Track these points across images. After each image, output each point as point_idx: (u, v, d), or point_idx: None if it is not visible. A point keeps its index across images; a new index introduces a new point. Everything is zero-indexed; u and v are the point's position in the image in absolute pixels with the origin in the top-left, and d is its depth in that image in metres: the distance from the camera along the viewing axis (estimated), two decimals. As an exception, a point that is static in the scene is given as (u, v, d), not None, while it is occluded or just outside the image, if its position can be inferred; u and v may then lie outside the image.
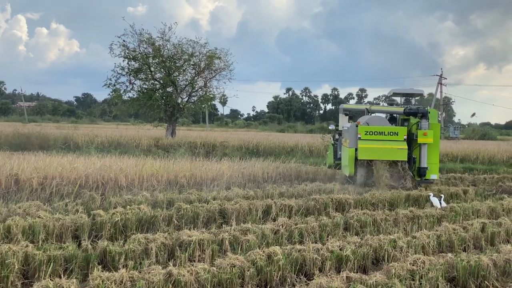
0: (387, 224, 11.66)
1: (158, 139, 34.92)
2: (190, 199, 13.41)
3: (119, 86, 37.65)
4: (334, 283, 6.79)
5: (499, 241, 10.72)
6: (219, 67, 38.96)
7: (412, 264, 7.85)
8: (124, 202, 12.65)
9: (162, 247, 8.73)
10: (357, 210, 12.57)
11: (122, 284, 6.60)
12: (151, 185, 15.69)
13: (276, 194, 14.91)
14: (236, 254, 8.37)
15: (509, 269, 8.29)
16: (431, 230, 10.72)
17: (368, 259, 8.92)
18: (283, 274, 7.83)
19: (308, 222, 10.91)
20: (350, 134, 17.25)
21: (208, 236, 9.19)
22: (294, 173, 19.81)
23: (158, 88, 38.07)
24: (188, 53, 37.82)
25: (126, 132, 41.29)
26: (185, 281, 6.87)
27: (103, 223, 10.14)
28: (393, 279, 7.16)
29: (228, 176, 17.36)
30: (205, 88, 39.59)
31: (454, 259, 8.18)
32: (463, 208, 13.46)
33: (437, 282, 7.30)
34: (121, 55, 37.05)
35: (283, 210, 12.62)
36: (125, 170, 15.83)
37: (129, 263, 7.99)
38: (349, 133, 17.29)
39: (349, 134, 17.33)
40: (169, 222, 11.16)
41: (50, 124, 65.27)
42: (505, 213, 13.78)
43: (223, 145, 33.79)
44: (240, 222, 11.33)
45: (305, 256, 8.30)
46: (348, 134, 17.36)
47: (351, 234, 10.81)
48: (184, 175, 16.69)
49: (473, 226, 11.17)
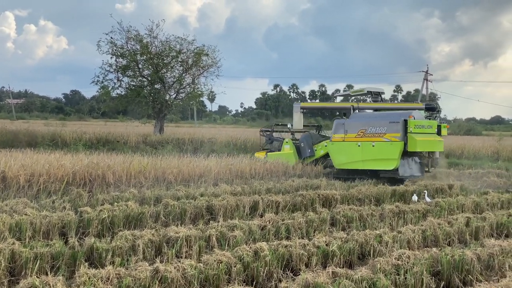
0: (373, 219, 11.74)
1: (146, 136, 34.87)
2: (177, 196, 13.41)
3: (107, 83, 37.68)
4: (320, 278, 6.83)
5: (483, 235, 10.83)
6: (207, 64, 39.12)
7: (397, 259, 7.89)
8: (111, 199, 12.62)
9: (149, 244, 8.73)
10: (344, 206, 12.64)
11: (109, 281, 6.60)
12: (139, 181, 15.67)
13: (263, 190, 14.95)
14: (223, 250, 8.38)
15: (492, 263, 8.36)
16: (416, 225, 10.80)
17: (354, 254, 8.98)
18: (270, 269, 7.86)
19: (295, 217, 10.95)
20: (395, 128, 17.40)
21: (195, 233, 9.21)
22: (281, 169, 19.84)
23: (146, 85, 38.11)
24: (176, 50, 37.86)
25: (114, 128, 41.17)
26: (172, 278, 6.88)
27: (90, 220, 10.11)
28: (379, 274, 7.22)
29: (215, 173, 17.37)
30: (193, 85, 39.70)
31: (438, 254, 8.24)
32: (448, 203, 13.58)
33: (422, 276, 7.36)
34: (109, 52, 37.17)
35: (270, 206, 12.66)
36: (113, 167, 15.79)
37: (116, 259, 7.98)
38: (394, 127, 17.45)
39: (394, 128, 17.47)
40: (156, 218, 11.16)
41: (38, 121, 64.97)
42: (489, 207, 13.94)
43: (211, 142, 33.82)
44: (227, 218, 11.35)
45: (291, 252, 8.34)
46: (392, 128, 17.51)
47: (338, 229, 10.88)
48: (172, 172, 16.68)
49: (457, 220, 11.27)
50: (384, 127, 17.75)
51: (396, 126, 17.44)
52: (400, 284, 7.21)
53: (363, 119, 19.03)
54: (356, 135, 18.40)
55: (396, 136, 17.37)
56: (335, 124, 19.57)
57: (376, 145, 17.98)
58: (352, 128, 18.70)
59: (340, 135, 19.04)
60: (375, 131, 17.92)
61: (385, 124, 17.75)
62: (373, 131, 18.00)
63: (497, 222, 11.54)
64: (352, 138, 18.57)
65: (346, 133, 18.85)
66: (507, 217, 11.99)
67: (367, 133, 18.17)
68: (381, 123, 17.88)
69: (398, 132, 17.33)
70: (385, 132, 17.65)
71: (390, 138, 17.54)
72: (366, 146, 18.17)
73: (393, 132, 17.48)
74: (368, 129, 18.13)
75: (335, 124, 19.51)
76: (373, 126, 18.04)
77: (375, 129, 17.93)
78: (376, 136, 17.97)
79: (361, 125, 18.45)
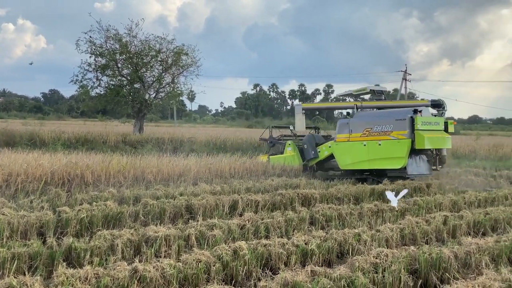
0: (352, 218, 11.79)
1: (125, 135, 34.71)
2: (157, 195, 13.38)
3: (86, 82, 37.40)
4: (299, 277, 6.85)
5: (460, 233, 10.92)
6: (187, 63, 39.03)
7: (376, 257, 7.94)
8: (90, 198, 12.56)
9: (128, 243, 8.70)
10: (323, 205, 12.67)
11: (87, 280, 6.57)
12: (118, 181, 15.61)
13: (243, 189, 14.96)
14: (202, 249, 8.37)
15: (469, 261, 8.45)
16: (394, 224, 10.86)
17: (333, 253, 9.02)
18: (249, 268, 7.87)
19: (274, 217, 10.96)
20: (402, 126, 17.11)
21: (174, 232, 9.19)
22: (261, 168, 19.85)
23: (126, 84, 37.91)
24: (155, 49, 37.74)
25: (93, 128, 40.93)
26: (150, 277, 6.87)
27: (68, 219, 10.05)
28: (357, 272, 7.26)
29: (195, 172, 17.35)
30: (173, 84, 39.58)
31: (416, 252, 8.31)
32: (426, 201, 13.68)
33: (400, 274, 7.42)
34: (88, 51, 36.86)
35: (249, 205, 12.67)
36: (92, 166, 15.72)
37: (94, 259, 7.95)
38: (401, 124, 17.16)
39: (401, 125, 17.17)
40: (135, 218, 11.13)
41: (17, 120, 64.22)
42: (467, 206, 14.08)
43: (190, 141, 33.77)
44: (206, 218, 11.33)
45: (270, 251, 8.36)
46: (399, 126, 17.21)
47: (317, 228, 10.91)
48: (151, 171, 16.64)
49: (435, 219, 11.36)
50: (390, 125, 17.43)
51: (402, 123, 17.14)
52: (378, 282, 7.26)
53: (368, 117, 18.61)
54: (362, 134, 18.06)
55: (403, 133, 17.05)
56: (339, 124, 19.14)
57: (383, 143, 17.63)
58: (357, 128, 18.30)
59: (345, 135, 18.63)
60: (381, 130, 17.59)
61: (391, 122, 17.44)
62: (379, 129, 17.66)
63: (474, 220, 11.65)
64: (357, 138, 18.21)
65: (351, 133, 18.44)
66: (484, 215, 12.11)
67: (372, 131, 17.81)
68: (387, 121, 17.55)
69: (405, 129, 17.02)
70: (392, 130, 17.35)
71: (397, 136, 17.24)
72: (372, 145, 17.83)
73: (400, 130, 17.16)
74: (374, 127, 17.77)
75: (339, 124, 19.09)
76: (379, 124, 17.70)
77: (381, 127, 17.60)
78: (382, 135, 17.67)
79: (366, 124, 18.12)
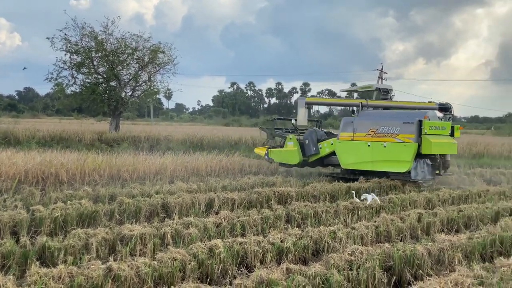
0: (327, 216, 11.84)
1: (101, 134, 34.51)
2: (132, 194, 13.35)
3: (61, 80, 37.08)
4: (274, 274, 6.87)
5: (434, 230, 11.05)
6: (163, 61, 38.86)
7: (351, 254, 7.99)
8: (64, 197, 12.51)
9: (103, 242, 8.66)
10: (299, 203, 12.69)
11: (61, 280, 6.52)
12: (93, 179, 15.57)
13: (219, 188, 14.98)
14: (178, 247, 8.36)
15: (443, 257, 8.55)
16: (370, 221, 10.93)
17: (309, 251, 9.05)
18: (225, 266, 7.88)
19: (250, 215, 10.96)
20: (410, 129, 16.71)
21: (150, 230, 9.16)
22: (237, 166, 19.89)
23: (101, 82, 37.68)
24: (132, 47, 37.57)
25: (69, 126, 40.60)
26: (125, 276, 6.83)
27: (42, 218, 9.99)
28: (332, 269, 7.30)
29: (171, 170, 17.36)
30: (149, 82, 39.42)
31: (390, 249, 8.38)
32: (401, 199, 13.79)
33: (374, 271, 7.47)
34: (63, 49, 36.54)
35: (225, 203, 12.68)
36: (67, 164, 15.63)
37: (68, 258, 7.89)
38: (409, 128, 16.76)
39: (408, 129, 16.77)
40: (110, 216, 11.10)
41: (-10, 119, 63.50)
42: (441, 203, 14.26)
43: (167, 139, 33.67)
44: (182, 216, 11.32)
45: (246, 249, 8.36)
46: (406, 129, 16.81)
47: (293, 226, 10.94)
48: (127, 170, 16.61)
49: (410, 216, 11.45)
50: (397, 127, 16.98)
51: (410, 126, 16.74)
52: (353, 279, 7.31)
53: (374, 118, 18.11)
54: (366, 134, 17.63)
55: (410, 137, 16.66)
56: (344, 122, 18.67)
57: (388, 146, 17.17)
58: (362, 127, 17.85)
59: (349, 134, 18.13)
60: (387, 131, 17.15)
61: (398, 124, 17.00)
62: (384, 130, 17.22)
63: (447, 217, 11.78)
64: (361, 137, 17.76)
65: (355, 132, 17.97)
66: (458, 212, 12.25)
67: (378, 132, 17.36)
68: (393, 123, 17.13)
69: (413, 133, 16.59)
70: (398, 132, 16.91)
71: (404, 139, 16.83)
72: (377, 147, 17.40)
73: (407, 133, 16.77)
74: (380, 128, 17.33)
75: (344, 122, 18.63)
76: (385, 125, 17.25)
77: (387, 129, 17.16)
78: (388, 137, 17.18)
79: (372, 124, 17.63)
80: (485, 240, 9.43)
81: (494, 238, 9.59)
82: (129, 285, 6.86)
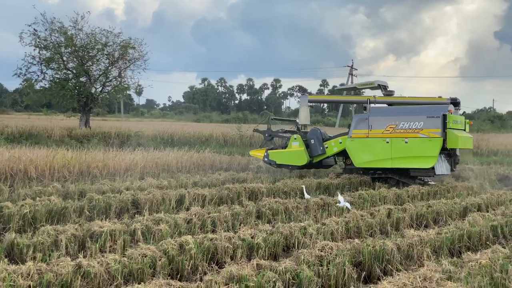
0: (298, 211, 11.89)
1: (71, 130, 34.20)
2: (102, 190, 13.28)
3: (30, 75, 36.65)
4: (245, 270, 6.86)
5: (403, 226, 11.14)
6: (134, 57, 38.65)
7: (321, 250, 8.02)
8: (33, 193, 12.38)
9: (72, 239, 8.58)
10: (270, 199, 12.72)
11: (29, 277, 6.44)
12: (63, 176, 15.42)
13: (190, 184, 14.97)
14: (148, 244, 8.32)
15: (411, 253, 8.64)
16: (340, 217, 10.96)
17: (279, 247, 9.06)
18: (195, 263, 7.85)
19: (221, 211, 10.97)
20: (435, 124, 16.48)
21: (120, 227, 9.11)
22: (208, 162, 19.86)
23: (71, 78, 37.30)
24: (102, 43, 37.25)
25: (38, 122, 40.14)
26: (94, 273, 6.77)
27: (11, 215, 9.87)
28: (302, 265, 7.31)
29: (141, 166, 17.27)
30: (120, 78, 39.14)
31: (360, 245, 8.42)
32: (371, 195, 13.90)
33: (344, 267, 7.50)
34: (32, 44, 36.11)
35: (196, 199, 12.67)
36: (36, 161, 15.47)
37: (37, 255, 7.80)
38: (434, 122, 16.51)
39: (433, 123, 16.52)
40: (80, 213, 11.00)
41: (-43, 115, 62.44)
42: (410, 199, 14.41)
43: (137, 135, 33.52)
44: (153, 212, 11.29)
45: (217, 245, 8.34)
46: (431, 124, 16.54)
47: (263, 222, 10.93)
48: (97, 166, 16.48)
49: (379, 212, 11.53)
50: (420, 122, 16.64)
51: (435, 121, 16.47)
52: (323, 274, 7.33)
53: (391, 114, 17.60)
54: (384, 130, 17.10)
55: (436, 132, 16.41)
56: (356, 119, 18.06)
57: (410, 141, 16.73)
58: (378, 124, 17.29)
59: (363, 131, 17.50)
60: (409, 127, 16.75)
61: (422, 119, 16.66)
62: (406, 126, 16.82)
63: (417, 213, 11.90)
64: (378, 134, 17.21)
65: (370, 129, 17.37)
66: (427, 208, 12.39)
67: (397, 128, 16.93)
68: (416, 118, 16.73)
69: (438, 127, 16.40)
70: (422, 127, 16.59)
71: (428, 134, 16.50)
72: (397, 143, 16.90)
73: (432, 128, 16.48)
74: (400, 124, 16.88)
75: (356, 119, 18.01)
76: (406, 121, 16.83)
77: (408, 124, 16.76)
78: (410, 132, 16.77)
79: (390, 120, 17.11)
80: (453, 235, 9.55)
81: (462, 233, 9.73)
82: (99, 282, 6.80)
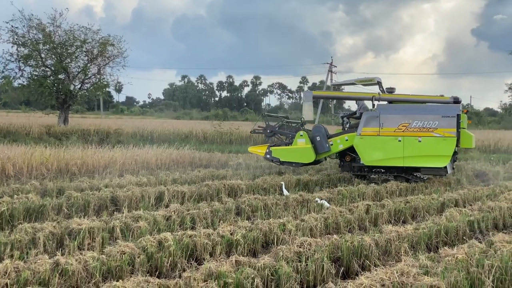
0: (277, 208, 11.91)
1: (50, 127, 33.96)
2: (81, 187, 13.22)
3: (8, 72, 36.38)
4: (223, 267, 6.89)
5: (382, 221, 11.20)
6: (113, 54, 38.47)
7: (300, 246, 8.06)
8: (11, 191, 12.32)
9: (50, 236, 8.54)
10: (249, 195, 12.75)
11: (7, 275, 6.41)
12: (41, 173, 15.32)
13: (169, 181, 14.94)
14: (127, 241, 8.30)
15: (389, 248, 8.70)
16: (319, 213, 11.02)
17: (258, 243, 9.08)
18: (174, 260, 7.85)
19: (200, 208, 10.98)
20: (451, 123, 16.38)
21: (98, 224, 9.08)
22: (187, 159, 19.82)
23: (50, 75, 37.03)
24: (80, 40, 37.05)
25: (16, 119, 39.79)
26: (72, 270, 6.75)
27: (-13, 213, 9.80)
28: (281, 261, 7.35)
29: (121, 164, 17.19)
30: (99, 75, 38.93)
31: (339, 240, 8.47)
32: (349, 191, 13.97)
33: (323, 263, 7.54)
34: (10, 41, 35.83)
35: (175, 196, 12.67)
36: (13, 158, 15.34)
37: (15, 253, 7.75)
38: (450, 122, 16.40)
39: (449, 123, 16.41)
40: (58, 210, 10.94)
41: None
42: (388, 195, 14.50)
43: (117, 133, 33.38)
44: (132, 209, 11.25)
45: (196, 242, 8.35)
46: (447, 123, 16.43)
47: (243, 218, 10.96)
48: (76, 163, 16.38)
49: (358, 208, 11.62)
50: (435, 121, 16.52)
51: (451, 121, 16.40)
52: (302, 270, 7.37)
53: (404, 112, 17.22)
54: (396, 129, 16.87)
55: (451, 131, 16.35)
56: (366, 116, 17.52)
57: (424, 140, 16.61)
58: (390, 122, 17.02)
59: (374, 129, 17.18)
60: (423, 126, 16.64)
61: (437, 118, 16.53)
62: (419, 125, 16.63)
63: (395, 209, 11.98)
64: (390, 133, 16.93)
65: (381, 127, 17.09)
66: (405, 203, 12.49)
67: (411, 127, 16.76)
68: (431, 117, 16.62)
69: (454, 127, 16.36)
70: (436, 127, 16.50)
71: (443, 134, 16.43)
72: (410, 142, 16.76)
73: (448, 127, 16.43)
74: (413, 123, 16.73)
75: (366, 117, 17.45)
76: (420, 120, 16.69)
77: (422, 123, 16.64)
78: (424, 131, 16.65)
79: (403, 118, 16.89)
80: (430, 231, 9.64)
81: (440, 229, 9.82)
82: (77, 280, 6.77)
